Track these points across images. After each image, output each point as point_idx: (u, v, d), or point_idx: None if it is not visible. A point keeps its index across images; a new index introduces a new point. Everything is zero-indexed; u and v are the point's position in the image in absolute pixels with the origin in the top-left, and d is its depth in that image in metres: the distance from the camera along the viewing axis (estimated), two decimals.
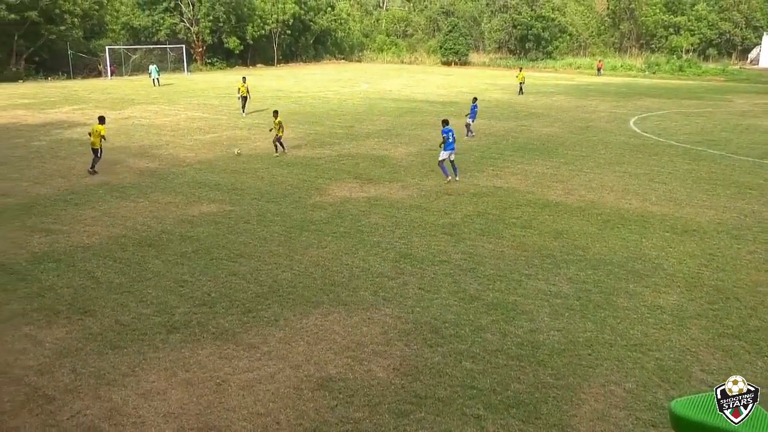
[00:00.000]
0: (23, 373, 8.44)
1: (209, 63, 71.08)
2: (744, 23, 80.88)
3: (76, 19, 55.69)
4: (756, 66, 77.23)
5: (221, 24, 68.64)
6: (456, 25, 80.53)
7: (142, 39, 68.42)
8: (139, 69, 61.23)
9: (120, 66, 60.74)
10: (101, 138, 19.48)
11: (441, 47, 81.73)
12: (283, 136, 22.79)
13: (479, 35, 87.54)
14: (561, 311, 10.29)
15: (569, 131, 28.77)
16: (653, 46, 79.63)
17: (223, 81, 51.74)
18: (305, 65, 79.10)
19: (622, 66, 71.99)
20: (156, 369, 8.53)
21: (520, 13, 77.15)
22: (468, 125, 26.16)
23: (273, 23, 73.78)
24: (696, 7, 78.53)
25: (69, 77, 56.87)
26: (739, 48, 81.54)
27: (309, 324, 9.80)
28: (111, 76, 57.74)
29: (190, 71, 64.82)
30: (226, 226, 14.64)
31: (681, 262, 12.56)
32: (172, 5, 69.06)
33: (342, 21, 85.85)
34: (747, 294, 11.03)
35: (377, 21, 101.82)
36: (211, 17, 67.67)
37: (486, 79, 58.99)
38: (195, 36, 69.37)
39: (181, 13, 69.44)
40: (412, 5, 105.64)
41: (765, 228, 14.74)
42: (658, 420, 7.50)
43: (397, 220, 15.12)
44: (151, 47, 65.03)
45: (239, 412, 7.61)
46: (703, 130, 29.84)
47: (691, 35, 76.61)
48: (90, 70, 59.74)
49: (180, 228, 14.46)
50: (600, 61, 69.90)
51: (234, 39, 70.26)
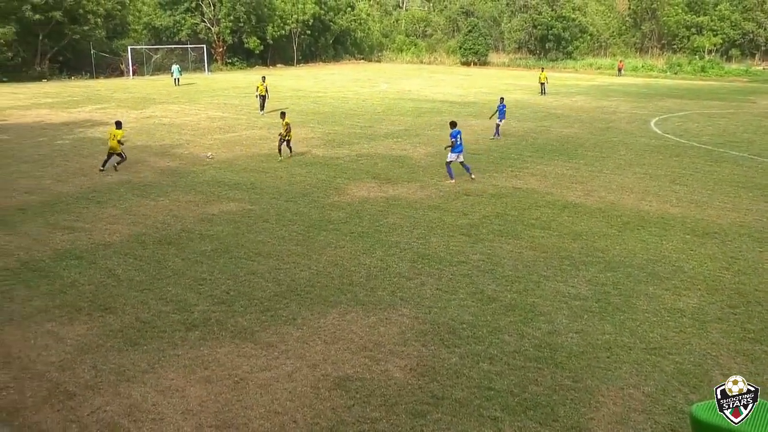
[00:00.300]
0: (45, 369, 8.55)
1: (229, 63, 71.55)
2: None
3: (99, 19, 56.41)
4: None
5: (242, 24, 69.11)
6: (476, 25, 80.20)
7: (163, 39, 69.06)
8: (161, 69, 61.84)
9: (142, 66, 61.41)
10: (119, 142, 19.93)
11: (460, 47, 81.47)
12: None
13: (499, 35, 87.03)
14: (579, 313, 10.22)
15: (589, 132, 28.58)
16: (675, 46, 78.58)
17: (244, 81, 52.02)
18: (325, 65, 79.28)
19: (643, 66, 71.33)
20: (175, 366, 8.60)
21: (540, 13, 76.65)
22: (497, 125, 26.16)
23: (293, 23, 74.07)
24: (719, 7, 77.31)
25: (92, 77, 57.64)
26: (763, 48, 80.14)
27: (326, 323, 9.83)
28: (133, 75, 58.43)
29: (210, 71, 65.32)
30: (245, 225, 14.73)
31: (702, 264, 12.42)
32: (193, 5, 69.71)
33: (361, 21, 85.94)
34: None
35: (397, 21, 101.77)
36: (232, 17, 68.17)
37: (506, 80, 58.74)
38: (216, 36, 69.92)
39: (202, 14, 69.99)
40: (431, 5, 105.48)
41: None
42: (677, 424, 7.43)
43: (416, 220, 15.12)
44: (173, 47, 65.63)
45: (257, 410, 7.66)
46: (726, 131, 29.49)
47: (714, 35, 75.48)
48: (112, 69, 60.50)
49: (199, 226, 14.58)
50: (621, 62, 69.39)
51: (254, 39, 70.65)
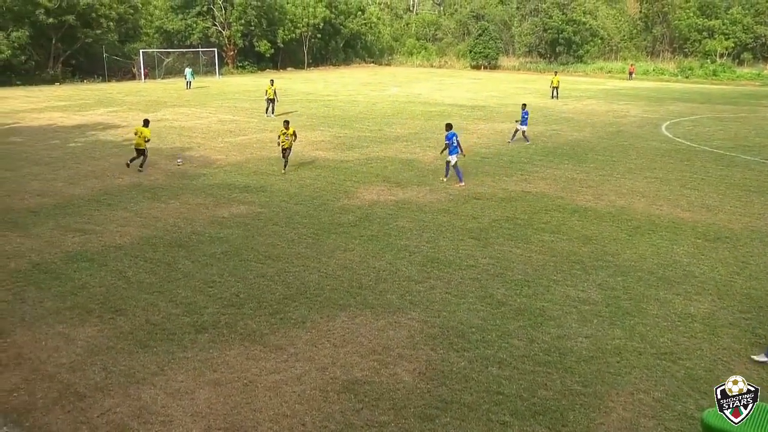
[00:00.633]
0: (56, 371, 8.60)
1: (240, 66, 71.79)
2: None
3: (111, 23, 56.76)
4: None
5: (252, 28, 69.36)
6: (486, 29, 79.94)
7: (175, 42, 69.37)
8: (172, 72, 62.12)
9: (153, 69, 61.67)
10: (145, 140, 20.42)
11: (471, 51, 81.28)
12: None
13: (509, 39, 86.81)
14: (589, 318, 10.18)
15: (600, 136, 28.47)
16: (686, 50, 77.98)
17: (254, 84, 52.20)
18: (335, 69, 79.36)
19: (654, 70, 70.93)
20: (184, 369, 8.63)
21: (551, 17, 76.39)
22: (523, 132, 26.13)
23: (303, 27, 74.25)
24: (731, 11, 76.67)
25: (104, 80, 57.96)
26: None
27: (335, 326, 9.84)
28: (144, 79, 58.71)
29: (221, 74, 65.57)
30: (255, 227, 14.77)
31: (713, 269, 12.35)
32: (204, 9, 70.02)
33: (372, 25, 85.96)
34: None
35: (407, 25, 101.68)
36: (243, 21, 68.42)
37: (516, 83, 58.61)
38: (227, 39, 70.22)
39: (214, 17, 70.33)
40: (442, 9, 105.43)
41: None
42: (688, 430, 7.39)
43: (425, 223, 15.11)
44: (184, 51, 65.93)
45: (266, 413, 7.67)
46: (737, 135, 29.29)
47: (726, 39, 74.85)
48: (124, 73, 60.88)
49: (210, 229, 14.63)
50: (632, 65, 69.06)
51: (265, 42, 70.85)
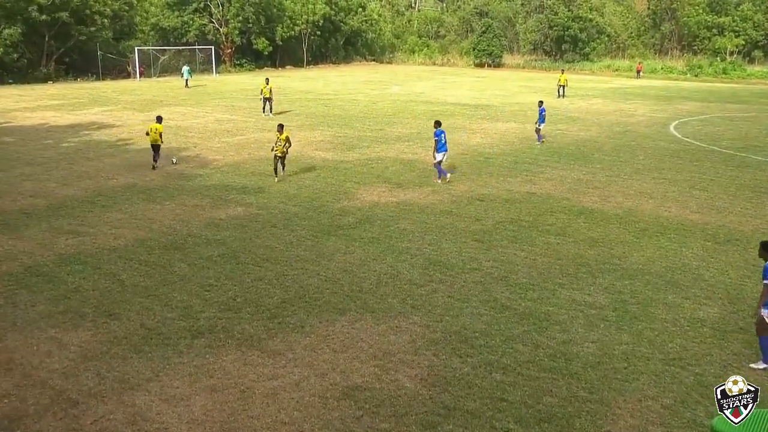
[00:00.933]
0: (48, 376, 8.42)
1: (238, 64, 71.16)
2: None
3: (106, 20, 55.89)
4: None
5: (250, 25, 68.67)
6: (490, 26, 79.35)
7: (171, 40, 68.77)
8: (168, 70, 61.67)
9: (149, 67, 61.11)
10: (160, 135, 20.69)
11: (474, 49, 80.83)
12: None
13: (514, 36, 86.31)
14: (596, 322, 10.03)
15: (606, 136, 28.32)
16: (695, 47, 77.18)
17: (252, 83, 51.92)
18: (335, 67, 79.19)
19: (662, 68, 70.61)
20: (180, 374, 8.46)
21: (556, 14, 75.87)
22: (538, 131, 25.90)
23: (303, 24, 73.66)
24: (741, 7, 75.91)
25: (98, 78, 57.29)
26: None
27: (335, 331, 9.66)
28: (140, 77, 58.15)
29: (218, 73, 65.27)
30: (252, 229, 14.56)
31: (722, 272, 12.20)
32: (201, 6, 69.23)
33: (373, 22, 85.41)
34: None
35: (409, 22, 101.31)
36: (241, 18, 67.61)
37: (520, 82, 58.37)
38: (224, 37, 69.48)
39: (211, 14, 69.61)
40: (444, 6, 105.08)
41: None
42: None
43: (427, 225, 14.92)
44: (180, 48, 65.40)
45: (263, 420, 7.52)
46: (748, 135, 29.15)
47: (736, 36, 74.19)
48: (119, 71, 60.27)
49: (206, 231, 14.43)
50: (640, 63, 68.51)
51: (263, 40, 70.27)
